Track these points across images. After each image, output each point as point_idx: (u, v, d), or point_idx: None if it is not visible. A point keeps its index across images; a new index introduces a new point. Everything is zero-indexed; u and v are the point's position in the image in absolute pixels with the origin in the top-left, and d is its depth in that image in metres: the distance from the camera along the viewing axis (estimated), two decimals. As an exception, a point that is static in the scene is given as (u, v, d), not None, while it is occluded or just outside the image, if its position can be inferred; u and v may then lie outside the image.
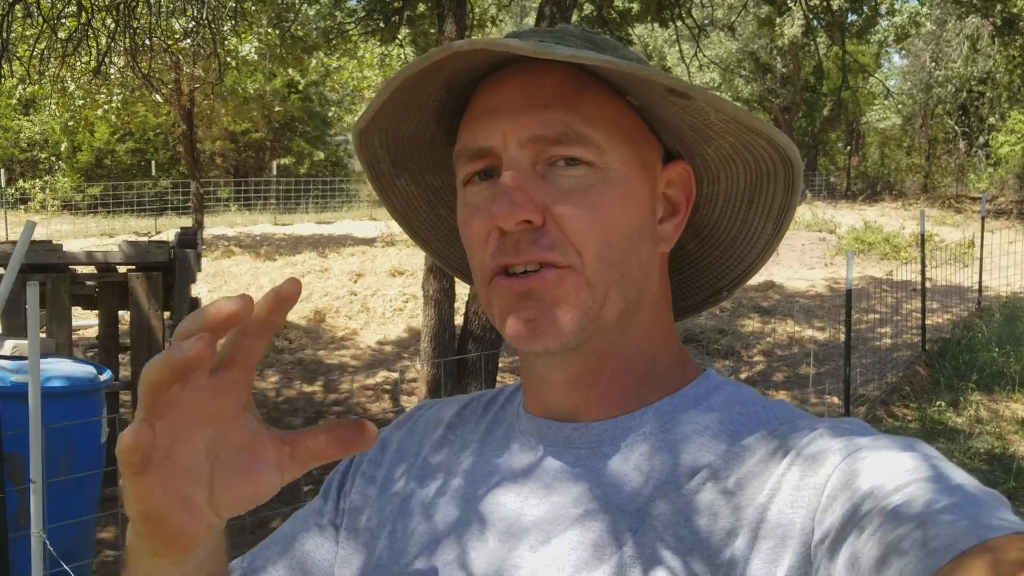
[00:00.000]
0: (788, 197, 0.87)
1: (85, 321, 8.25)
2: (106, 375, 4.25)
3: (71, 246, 5.63)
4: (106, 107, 14.77)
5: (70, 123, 16.58)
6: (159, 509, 0.63)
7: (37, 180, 23.51)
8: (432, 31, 9.36)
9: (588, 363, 0.82)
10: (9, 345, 4.18)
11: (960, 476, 0.64)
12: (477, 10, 10.20)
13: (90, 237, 16.99)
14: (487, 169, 0.80)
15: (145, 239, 9.87)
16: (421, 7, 9.13)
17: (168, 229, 17.68)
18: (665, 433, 0.80)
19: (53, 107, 15.46)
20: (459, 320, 6.83)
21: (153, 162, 22.21)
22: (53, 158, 24.57)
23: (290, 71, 15.49)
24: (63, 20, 8.03)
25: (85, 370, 4.15)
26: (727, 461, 0.76)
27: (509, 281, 0.78)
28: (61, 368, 4.07)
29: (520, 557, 0.79)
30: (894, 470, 0.65)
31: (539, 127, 0.77)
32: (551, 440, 0.84)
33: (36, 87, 12.64)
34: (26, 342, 4.30)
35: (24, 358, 4.11)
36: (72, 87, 13.13)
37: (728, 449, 0.77)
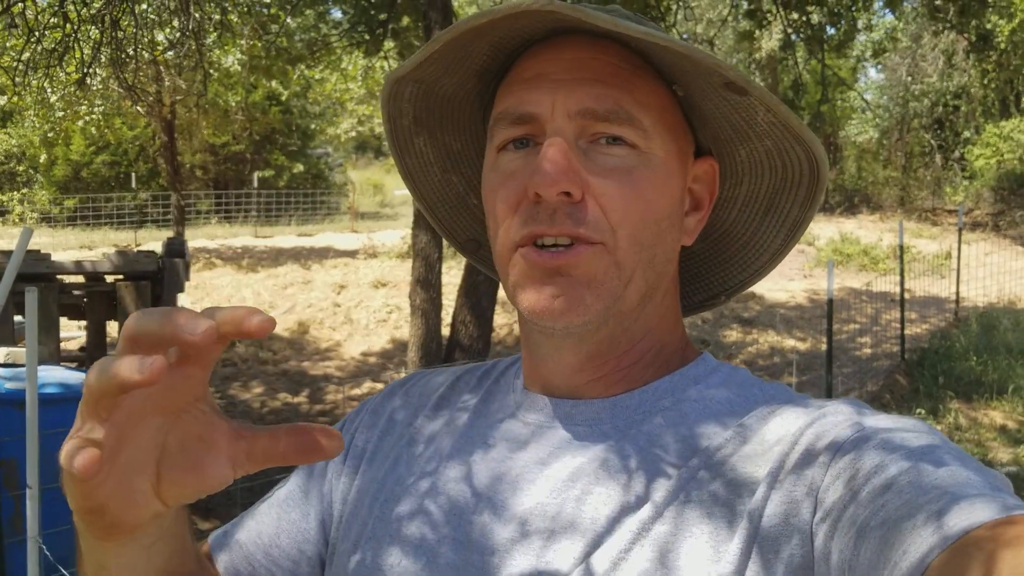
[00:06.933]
0: (805, 211, 0.87)
1: (67, 333, 8.21)
2: (98, 383, 4.24)
3: (55, 257, 5.62)
4: (87, 119, 14.70)
5: (50, 135, 16.48)
6: (101, 503, 0.61)
7: (15, 193, 23.32)
8: (417, 43, 9.41)
9: (600, 346, 0.81)
10: (2, 352, 4.17)
11: (968, 456, 0.65)
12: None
13: (69, 249, 16.87)
14: (525, 137, 0.79)
15: (126, 250, 9.86)
16: (406, 19, 9.18)
17: (148, 241, 17.58)
18: (666, 410, 0.80)
19: (33, 119, 15.37)
20: (446, 331, 6.85)
21: (133, 174, 22.10)
22: (31, 170, 24.39)
23: (273, 83, 15.47)
24: (46, 32, 8.01)
25: (79, 377, 4.15)
26: (736, 431, 0.76)
27: (539, 254, 0.76)
28: (55, 375, 4.07)
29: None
30: (909, 440, 0.66)
31: (591, 101, 0.76)
32: (550, 415, 0.83)
33: (16, 99, 12.56)
34: (18, 349, 4.29)
35: (17, 365, 4.11)
36: (54, 98, 13.07)
37: (736, 422, 0.77)
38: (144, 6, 7.95)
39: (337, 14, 10.67)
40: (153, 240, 17.60)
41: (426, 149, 0.93)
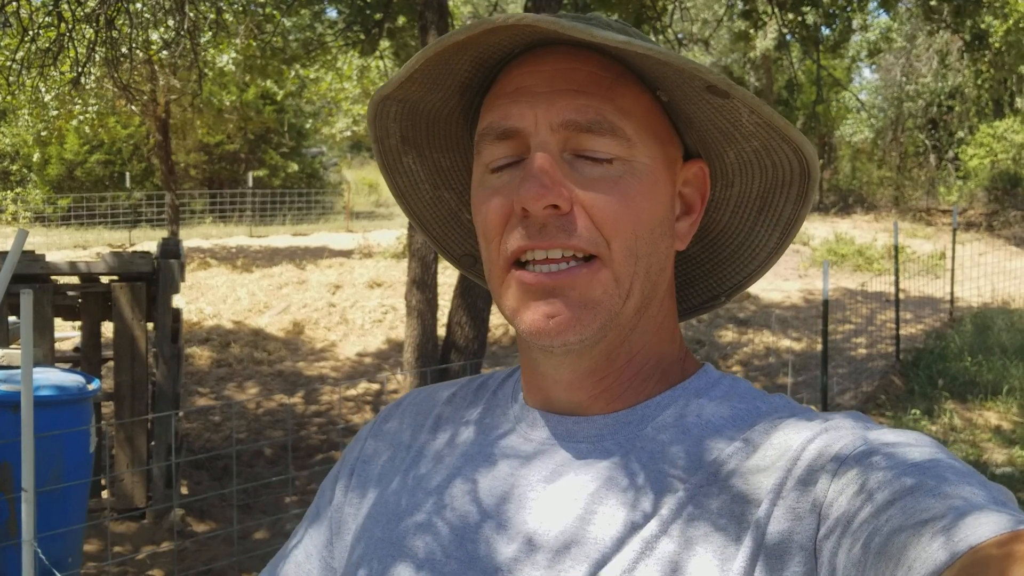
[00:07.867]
0: (799, 209, 0.86)
1: (61, 334, 8.18)
2: (95, 384, 4.23)
3: (49, 258, 5.60)
4: (81, 118, 14.66)
5: (43, 134, 16.43)
6: None
7: (9, 192, 23.25)
8: (413, 43, 9.40)
9: (597, 362, 0.81)
10: (-4, 354, 4.16)
11: (972, 469, 0.65)
12: (459, 22, 10.25)
13: (63, 249, 16.84)
14: (512, 156, 0.78)
15: (121, 251, 9.82)
16: (402, 19, 9.17)
17: (143, 241, 17.55)
18: (669, 425, 0.79)
19: (27, 117, 15.32)
20: (441, 331, 6.85)
21: (128, 174, 22.06)
22: (25, 169, 24.33)
23: (268, 83, 15.45)
24: (40, 31, 7.98)
25: (74, 379, 4.13)
26: (740, 445, 0.76)
27: (535, 276, 0.76)
28: (50, 377, 4.05)
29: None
30: (912, 454, 0.66)
31: (572, 112, 0.76)
32: (553, 432, 0.82)
33: (11, 98, 12.52)
34: (13, 351, 4.28)
35: (11, 367, 4.09)
36: (48, 98, 13.03)
37: (739, 436, 0.77)
38: (139, 5, 7.93)
39: (333, 14, 10.67)
40: (148, 240, 17.57)
41: (415, 167, 0.93)
